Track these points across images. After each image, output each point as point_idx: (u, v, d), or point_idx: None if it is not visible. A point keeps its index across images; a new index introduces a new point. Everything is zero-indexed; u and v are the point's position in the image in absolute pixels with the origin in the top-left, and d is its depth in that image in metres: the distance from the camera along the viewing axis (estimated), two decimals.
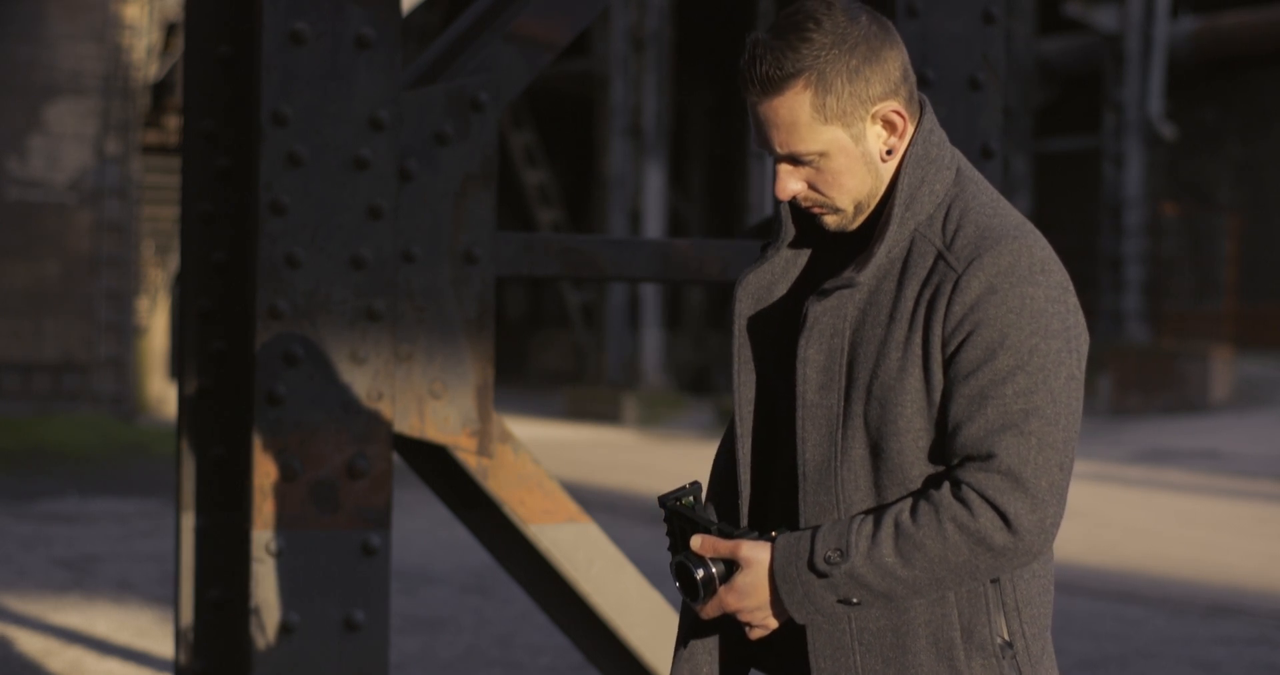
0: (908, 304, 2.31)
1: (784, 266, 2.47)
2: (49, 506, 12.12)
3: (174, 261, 20.58)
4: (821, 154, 2.33)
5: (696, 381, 25.68)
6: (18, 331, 17.54)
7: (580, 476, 13.52)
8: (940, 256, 2.31)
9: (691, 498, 2.43)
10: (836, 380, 2.34)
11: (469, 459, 4.15)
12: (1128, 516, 12.29)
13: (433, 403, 4.11)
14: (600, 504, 11.41)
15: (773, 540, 2.34)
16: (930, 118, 2.40)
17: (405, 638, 7.44)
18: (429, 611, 8.16)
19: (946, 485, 2.27)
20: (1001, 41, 4.36)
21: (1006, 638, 2.34)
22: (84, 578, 9.07)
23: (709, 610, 2.37)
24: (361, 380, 4.01)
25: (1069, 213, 27.28)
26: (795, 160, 2.35)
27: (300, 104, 3.98)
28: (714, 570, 2.37)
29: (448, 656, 7.18)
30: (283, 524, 3.96)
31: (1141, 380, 21.46)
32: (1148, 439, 18.24)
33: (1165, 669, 7.17)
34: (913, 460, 2.30)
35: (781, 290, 2.46)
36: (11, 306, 17.50)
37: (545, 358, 30.51)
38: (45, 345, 17.65)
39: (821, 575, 2.28)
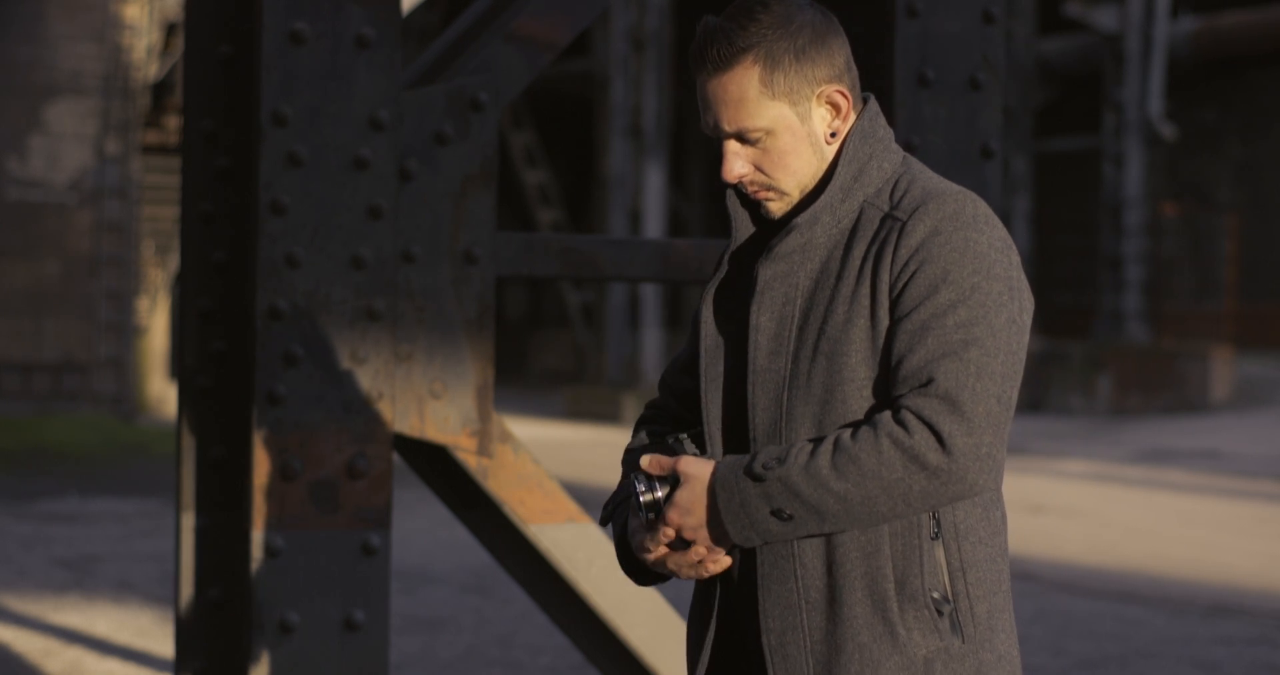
0: (855, 263, 2.38)
1: (741, 273, 2.51)
2: (49, 506, 12.12)
3: (174, 261, 20.58)
4: (768, 131, 2.40)
5: None
6: (18, 331, 17.54)
7: (580, 476, 13.51)
8: (886, 215, 2.39)
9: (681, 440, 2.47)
10: (785, 346, 2.39)
11: (469, 459, 4.15)
12: (1128, 516, 12.29)
13: (433, 403, 4.11)
14: (600, 504, 11.41)
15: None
16: (875, 107, 2.48)
17: (405, 638, 7.44)
18: (429, 611, 8.16)
19: (888, 411, 2.31)
20: (1001, 41, 4.37)
21: (947, 594, 2.37)
22: (84, 578, 9.07)
23: (662, 535, 2.40)
24: (361, 380, 4.01)
25: (1069, 213, 27.29)
26: (742, 138, 2.42)
27: (300, 104, 3.98)
28: (658, 493, 2.39)
29: (448, 656, 7.18)
30: (283, 524, 3.96)
31: (1141, 380, 21.46)
32: (1148, 439, 18.24)
33: (1165, 669, 7.17)
34: (857, 409, 2.34)
35: (733, 310, 2.49)
36: (11, 306, 17.50)
37: (545, 358, 30.50)
38: (45, 345, 17.65)
39: (758, 479, 2.31)
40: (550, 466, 13.61)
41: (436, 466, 4.35)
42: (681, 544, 2.42)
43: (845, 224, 2.41)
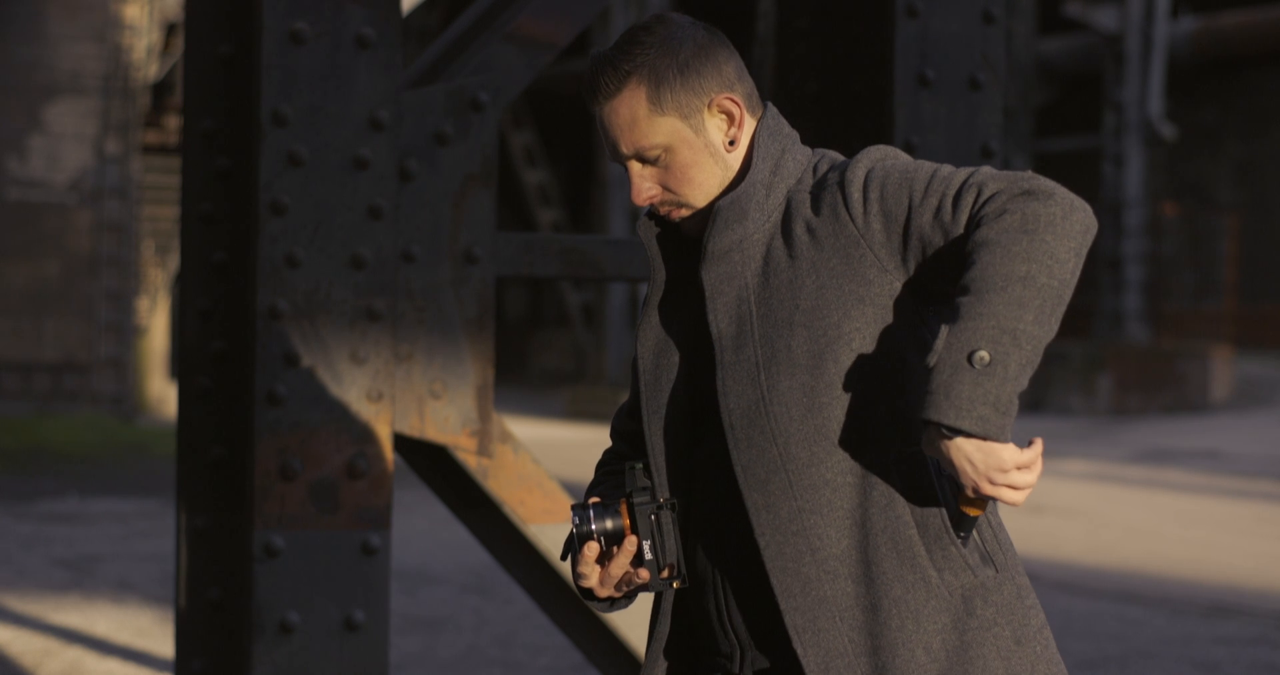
0: (803, 237, 2.40)
1: (672, 303, 2.52)
2: (49, 506, 12.12)
3: (174, 261, 20.58)
4: (665, 148, 2.44)
5: None
6: (18, 331, 17.54)
7: (580, 476, 13.51)
8: (816, 186, 2.43)
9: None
10: (750, 337, 2.39)
11: (469, 459, 4.15)
12: (1128, 516, 12.29)
13: (433, 403, 4.11)
14: None
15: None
16: (775, 111, 2.52)
17: (405, 638, 7.45)
18: (429, 611, 8.16)
19: (971, 237, 2.30)
20: (1001, 41, 4.36)
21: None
22: (84, 578, 9.08)
23: (586, 551, 2.44)
24: (361, 380, 4.01)
25: None
26: (642, 159, 2.46)
27: (300, 104, 3.98)
28: (592, 525, 2.42)
29: (448, 656, 7.19)
30: (283, 524, 3.96)
31: (1141, 380, 21.46)
32: (1148, 439, 18.24)
33: (1165, 669, 7.17)
34: (847, 362, 2.34)
35: (679, 325, 2.50)
36: (11, 306, 17.50)
37: (545, 358, 30.51)
38: (45, 345, 17.65)
39: (975, 367, 2.21)
40: (550, 466, 13.61)
41: (436, 466, 4.35)
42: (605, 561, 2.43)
43: (775, 216, 2.44)
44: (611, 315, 22.06)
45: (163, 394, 20.58)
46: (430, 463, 4.34)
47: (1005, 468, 2.21)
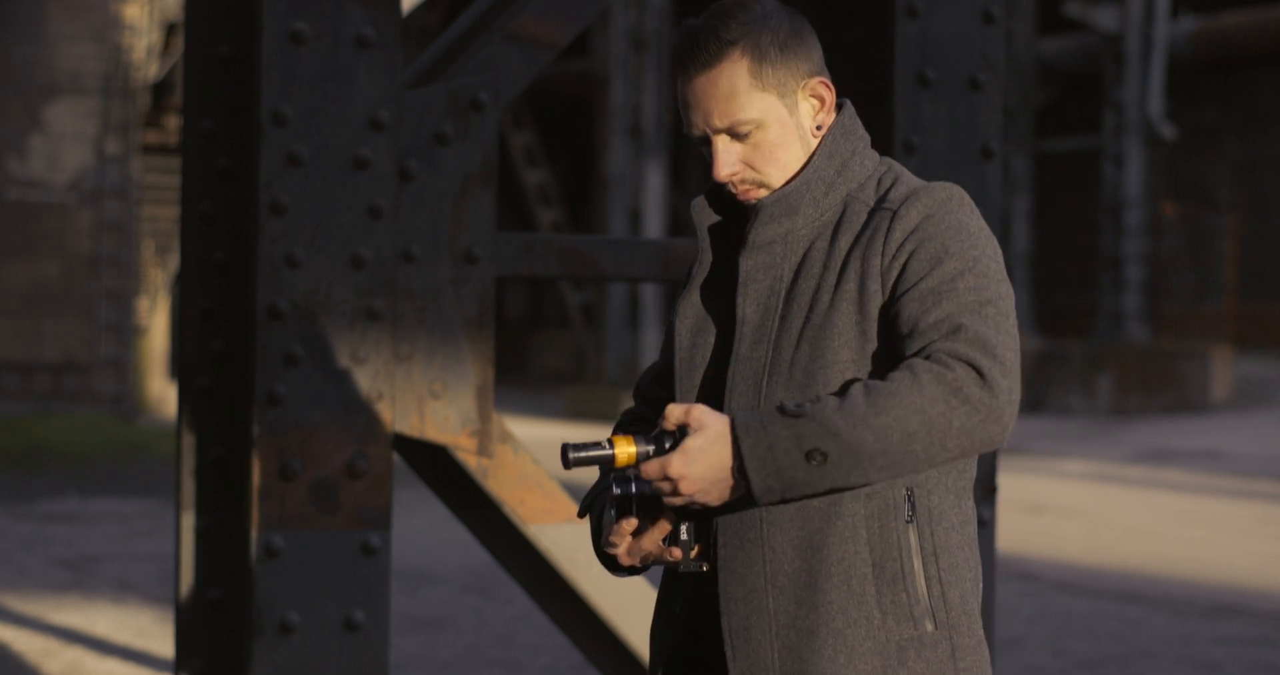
0: (840, 253, 2.39)
1: (715, 287, 2.51)
2: (49, 506, 12.12)
3: (174, 261, 20.58)
4: (759, 123, 2.42)
5: None
6: (18, 331, 17.54)
7: (580, 476, 13.52)
8: (875, 208, 2.41)
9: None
10: (767, 335, 2.40)
11: (469, 459, 4.15)
12: (1128, 516, 12.28)
13: (433, 403, 4.11)
14: None
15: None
16: (852, 108, 2.51)
17: (405, 638, 7.44)
18: (429, 611, 8.16)
19: (917, 357, 2.29)
20: (1001, 41, 4.36)
21: (921, 578, 2.36)
22: (84, 578, 9.08)
23: (625, 525, 2.37)
24: (361, 380, 4.01)
25: (1069, 213, 27.28)
26: (734, 133, 2.43)
27: (300, 104, 3.98)
28: (631, 489, 2.35)
29: (448, 656, 7.18)
30: (283, 524, 3.96)
31: (1141, 380, 21.45)
32: (1148, 439, 18.24)
33: (1165, 669, 7.17)
34: (835, 390, 2.34)
35: (718, 309, 2.50)
36: (11, 306, 17.50)
37: (545, 358, 30.50)
38: (45, 345, 17.65)
39: (793, 416, 2.24)
40: (550, 466, 13.60)
41: (436, 466, 4.35)
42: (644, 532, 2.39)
43: (829, 217, 2.43)
44: (611, 315, 22.06)
45: (163, 394, 20.58)
46: (430, 463, 4.34)
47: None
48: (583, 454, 2.32)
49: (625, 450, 2.32)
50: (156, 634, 7.51)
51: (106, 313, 17.91)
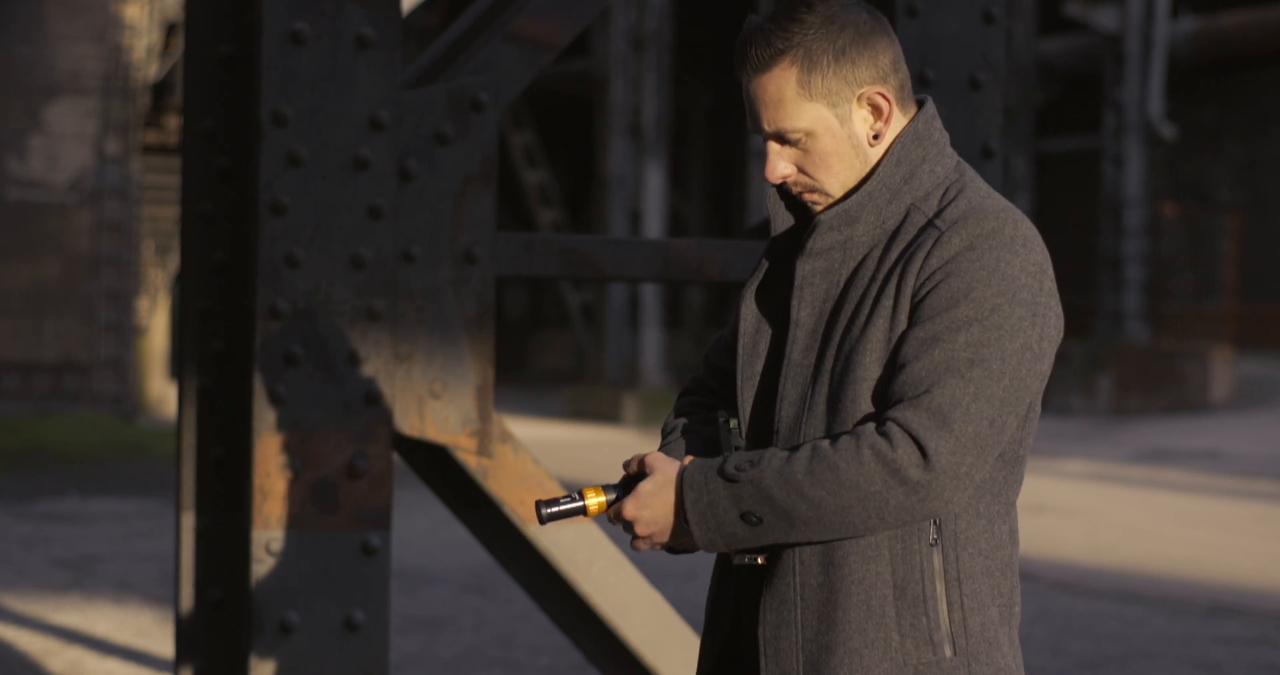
0: (887, 266, 2.37)
1: (780, 272, 2.50)
2: (49, 506, 12.12)
3: (174, 261, 20.58)
4: (807, 132, 2.39)
5: None
6: (18, 331, 17.54)
7: (580, 476, 13.51)
8: (928, 223, 2.37)
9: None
10: (817, 342, 2.39)
11: (469, 459, 4.15)
12: (1128, 516, 12.28)
13: (433, 403, 4.11)
14: None
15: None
16: (931, 110, 2.45)
17: (405, 638, 7.44)
18: (429, 611, 8.16)
19: (869, 422, 2.30)
20: (1001, 41, 4.36)
21: (944, 602, 2.35)
22: (84, 578, 9.07)
23: (610, 514, 2.42)
24: (361, 380, 4.01)
25: (1069, 213, 27.28)
26: (782, 139, 2.40)
27: (300, 104, 3.98)
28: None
29: (448, 656, 7.18)
30: (283, 524, 3.96)
31: (1141, 380, 21.45)
32: (1148, 439, 18.23)
33: (1165, 669, 7.17)
34: (866, 408, 2.33)
35: (779, 301, 2.49)
36: (11, 306, 17.49)
37: (545, 358, 30.50)
38: (45, 345, 17.65)
39: (730, 480, 2.30)
40: (550, 466, 13.60)
41: (436, 466, 4.35)
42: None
43: (890, 224, 2.40)
44: (611, 315, 22.05)
45: (163, 394, 20.57)
46: (430, 463, 4.34)
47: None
48: (555, 509, 2.43)
49: (595, 501, 2.43)
50: (156, 634, 7.51)
51: (106, 313, 17.90)
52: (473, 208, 4.14)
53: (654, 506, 2.37)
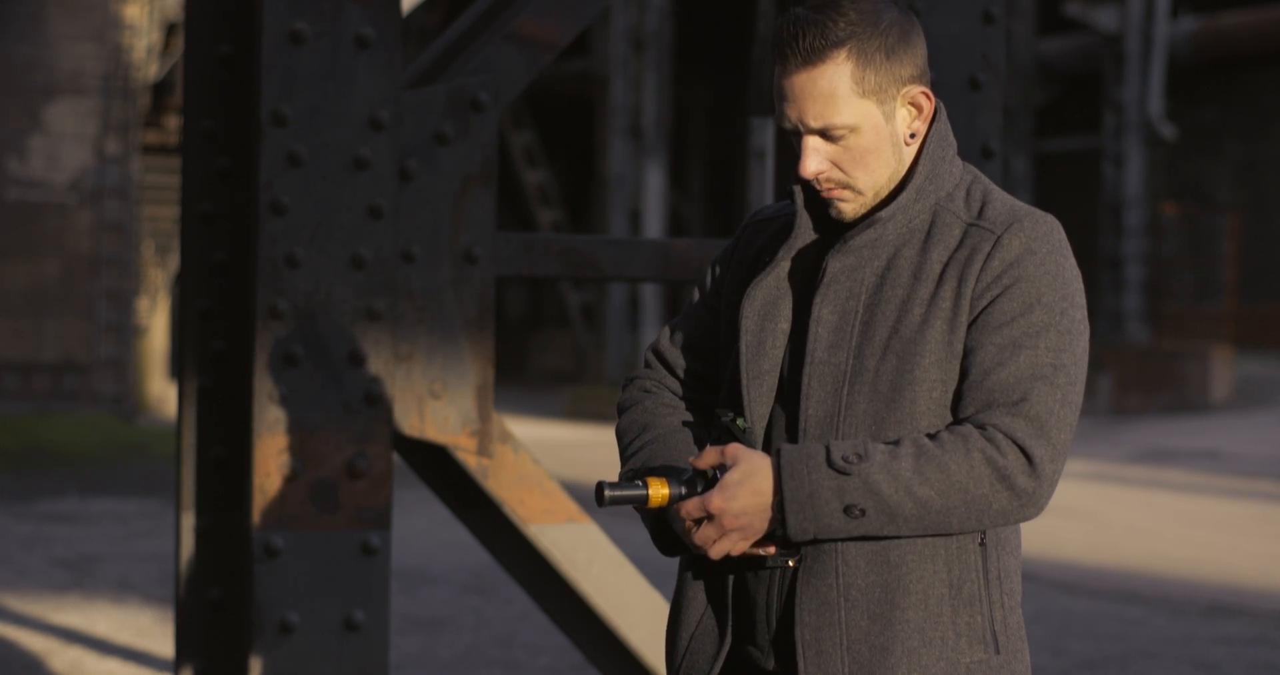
0: (935, 266, 2.35)
1: (791, 276, 2.47)
2: (49, 506, 12.12)
3: (174, 261, 20.58)
4: (853, 128, 2.36)
5: None
6: (18, 331, 17.54)
7: (580, 476, 13.51)
8: (971, 225, 2.37)
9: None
10: (847, 340, 2.37)
11: (469, 459, 4.15)
12: (1128, 516, 12.29)
13: (433, 403, 4.11)
14: None
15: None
16: (943, 110, 2.47)
17: (405, 638, 7.44)
18: (429, 611, 8.16)
19: (969, 425, 2.30)
20: (1001, 41, 4.36)
21: (989, 600, 2.37)
22: (84, 578, 9.07)
23: (683, 514, 2.33)
24: (361, 380, 4.01)
25: (1069, 213, 27.26)
26: (826, 135, 2.37)
27: (300, 104, 3.98)
28: (681, 490, 2.33)
29: (448, 656, 7.19)
30: (283, 524, 3.97)
31: (1141, 380, 21.45)
32: (1148, 439, 18.24)
33: (1165, 669, 7.17)
34: (924, 411, 2.33)
35: (791, 294, 2.46)
36: (11, 306, 17.49)
37: (545, 358, 30.50)
38: (45, 345, 17.65)
39: (841, 472, 2.26)
40: (550, 466, 13.60)
41: (436, 466, 4.35)
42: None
43: (916, 223, 2.40)
44: (611, 315, 22.05)
45: (163, 394, 20.57)
46: (430, 463, 4.34)
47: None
48: (618, 492, 2.35)
49: (658, 492, 2.35)
50: (156, 634, 7.51)
51: (106, 313, 17.90)
52: (473, 208, 4.14)
53: (741, 497, 2.29)
